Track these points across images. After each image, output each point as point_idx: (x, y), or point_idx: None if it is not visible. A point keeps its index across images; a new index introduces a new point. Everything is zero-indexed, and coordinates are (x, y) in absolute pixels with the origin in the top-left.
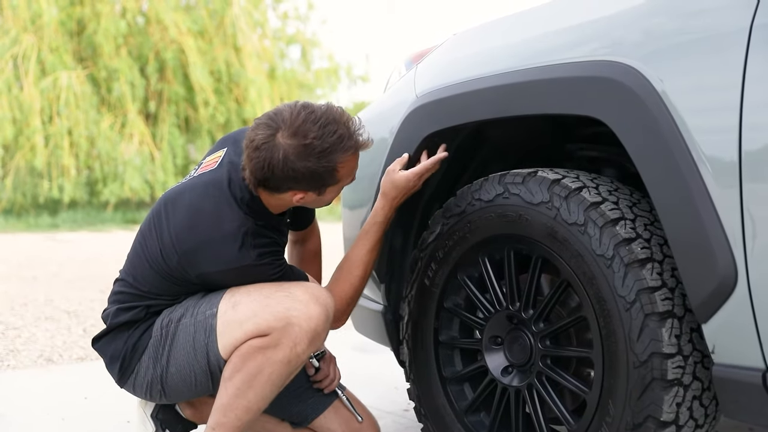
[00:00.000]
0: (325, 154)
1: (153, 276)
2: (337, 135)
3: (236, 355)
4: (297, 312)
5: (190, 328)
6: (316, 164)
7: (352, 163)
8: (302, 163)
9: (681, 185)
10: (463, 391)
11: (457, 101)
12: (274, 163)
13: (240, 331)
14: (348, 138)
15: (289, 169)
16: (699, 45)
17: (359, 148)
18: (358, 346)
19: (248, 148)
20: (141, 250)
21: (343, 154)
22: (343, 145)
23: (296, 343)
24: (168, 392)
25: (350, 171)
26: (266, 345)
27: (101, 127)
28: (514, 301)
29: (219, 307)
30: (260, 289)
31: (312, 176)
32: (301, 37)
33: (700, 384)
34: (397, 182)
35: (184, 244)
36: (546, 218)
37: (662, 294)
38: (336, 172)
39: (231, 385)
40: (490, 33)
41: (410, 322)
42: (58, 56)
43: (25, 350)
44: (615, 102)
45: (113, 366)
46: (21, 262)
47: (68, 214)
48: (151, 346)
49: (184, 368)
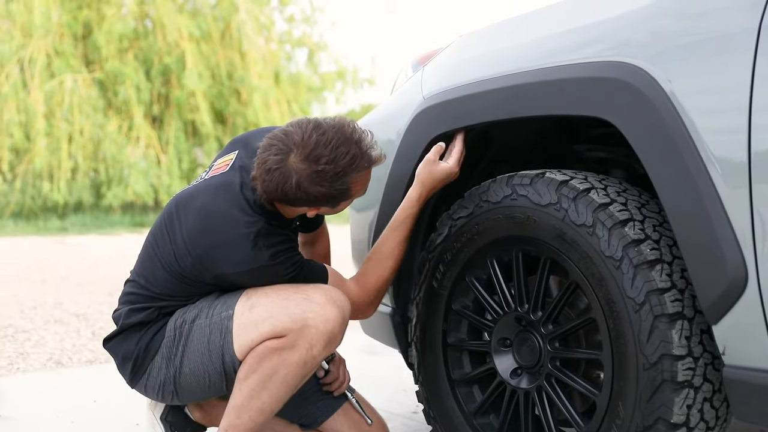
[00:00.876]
0: (338, 177)
1: (166, 278)
2: (349, 156)
3: (252, 356)
4: (314, 314)
5: (206, 329)
6: (329, 188)
7: (366, 179)
8: (316, 188)
9: (690, 186)
10: (472, 393)
11: (464, 103)
12: (287, 188)
13: (256, 333)
14: (360, 157)
15: (303, 193)
16: (707, 45)
17: (372, 165)
18: (367, 349)
19: (260, 169)
20: (153, 252)
21: (356, 174)
22: (355, 165)
23: (312, 345)
24: (180, 393)
25: (363, 186)
26: (282, 346)
27: (107, 130)
28: (522, 303)
29: (235, 309)
30: (277, 291)
31: (326, 197)
32: (308, 41)
33: (710, 386)
34: (437, 173)
35: (198, 247)
36: (554, 220)
37: (672, 295)
38: (349, 191)
39: (246, 386)
40: (497, 34)
41: (418, 325)
42: (64, 60)
43: (35, 353)
44: (623, 103)
45: (125, 366)
46: (30, 265)
47: (77, 218)
48: (164, 347)
49: (198, 369)
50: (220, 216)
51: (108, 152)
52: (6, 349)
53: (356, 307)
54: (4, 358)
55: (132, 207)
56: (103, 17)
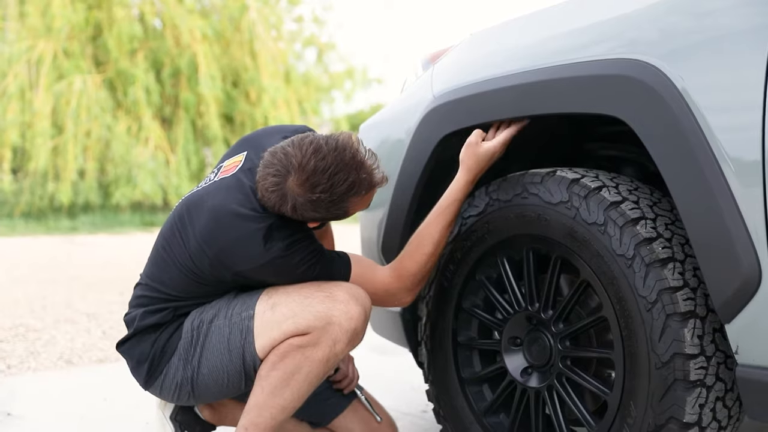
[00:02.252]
0: (334, 204)
1: (182, 279)
2: (347, 184)
3: (274, 353)
4: (337, 312)
5: (225, 329)
6: (325, 213)
7: (367, 200)
8: (312, 213)
9: (703, 184)
10: (482, 392)
11: (475, 101)
12: (284, 209)
13: (278, 331)
14: (359, 184)
15: (300, 215)
16: (720, 42)
17: (372, 189)
18: (377, 347)
19: (260, 186)
20: (166, 254)
21: (354, 198)
22: (353, 192)
23: (336, 342)
24: (197, 393)
25: (365, 206)
26: (306, 343)
27: (116, 130)
28: (533, 301)
29: (256, 309)
30: (299, 290)
31: (324, 219)
32: (317, 40)
33: (723, 385)
34: (481, 154)
35: (213, 247)
36: (565, 218)
37: (684, 294)
38: (347, 213)
39: (267, 384)
40: (507, 32)
41: (428, 323)
42: (74, 61)
43: (45, 352)
44: (635, 100)
45: (140, 368)
46: (41, 264)
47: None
48: (181, 348)
49: (217, 369)
50: (231, 214)
51: (116, 152)
52: (17, 348)
53: (392, 293)
54: (15, 357)
55: (141, 206)
56: (114, 18)
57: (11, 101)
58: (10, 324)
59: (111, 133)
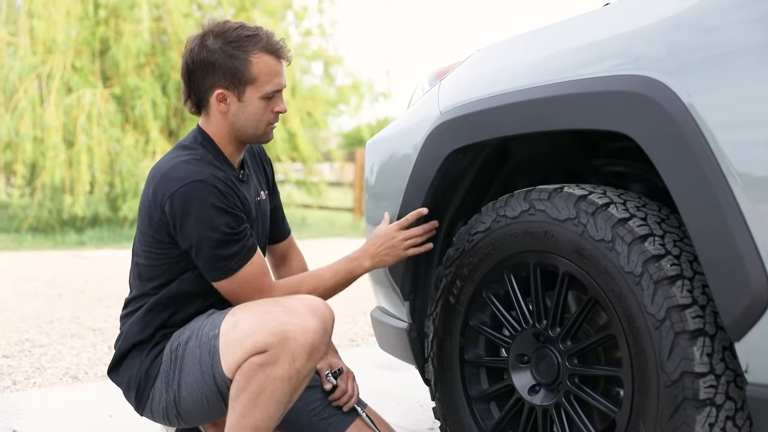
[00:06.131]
0: (238, 41)
1: (147, 265)
2: (253, 31)
3: (239, 374)
4: (293, 327)
5: (197, 350)
6: (231, 50)
7: (270, 65)
8: (218, 45)
9: (711, 200)
10: (490, 410)
11: (481, 117)
12: (195, 49)
13: (240, 350)
14: (264, 37)
15: (206, 53)
16: (727, 59)
17: (275, 53)
18: (383, 364)
19: (182, 60)
20: (132, 261)
21: (254, 46)
22: (256, 39)
23: (294, 358)
24: (184, 416)
25: (268, 72)
26: (265, 362)
27: (124, 143)
28: (540, 318)
29: (221, 327)
30: (259, 305)
31: (226, 63)
32: (324, 53)
33: (733, 404)
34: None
35: (148, 190)
36: (572, 235)
37: (693, 312)
38: (249, 63)
39: (238, 405)
40: (514, 48)
41: (435, 340)
42: (82, 76)
43: (51, 368)
44: (642, 116)
45: (130, 394)
46: (48, 279)
47: (94, 231)
48: (163, 371)
49: (196, 391)
50: (161, 162)
51: (124, 166)
52: (23, 363)
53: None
54: (20, 373)
55: None
56: (121, 33)
57: (23, 115)
58: (17, 339)
59: (119, 145)
